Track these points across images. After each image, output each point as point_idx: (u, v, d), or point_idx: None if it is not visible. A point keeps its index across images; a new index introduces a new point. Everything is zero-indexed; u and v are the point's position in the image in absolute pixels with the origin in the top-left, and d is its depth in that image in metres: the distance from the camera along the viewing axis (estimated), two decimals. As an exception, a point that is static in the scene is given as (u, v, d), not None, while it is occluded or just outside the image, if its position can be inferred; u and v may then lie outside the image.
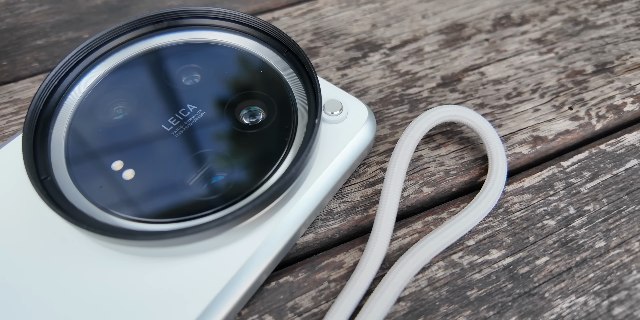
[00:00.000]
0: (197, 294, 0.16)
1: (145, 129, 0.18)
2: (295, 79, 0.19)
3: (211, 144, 0.18)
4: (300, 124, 0.18)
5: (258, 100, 0.19)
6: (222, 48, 0.20)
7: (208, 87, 0.19)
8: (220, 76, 0.20)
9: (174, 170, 0.17)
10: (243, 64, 0.20)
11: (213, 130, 0.18)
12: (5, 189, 0.18)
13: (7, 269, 0.16)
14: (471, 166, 0.21)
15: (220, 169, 0.17)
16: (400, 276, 0.17)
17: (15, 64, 0.25)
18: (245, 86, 0.19)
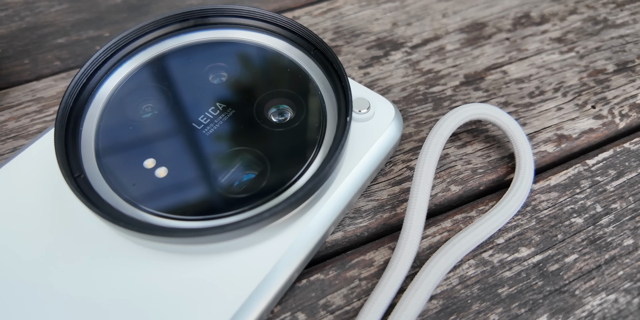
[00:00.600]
0: (232, 292, 0.16)
1: (176, 127, 0.18)
2: (323, 77, 0.19)
3: (242, 142, 0.18)
4: (329, 122, 0.18)
5: (286, 99, 0.19)
6: (249, 46, 0.20)
7: (236, 86, 0.19)
8: (248, 75, 0.20)
9: (206, 168, 0.17)
10: (270, 63, 0.20)
11: (243, 129, 0.18)
12: (35, 185, 0.18)
13: (36, 267, 0.16)
14: (498, 164, 0.21)
15: (252, 167, 0.17)
16: (434, 274, 0.17)
17: (37, 62, 0.25)
18: (272, 84, 0.19)
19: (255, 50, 0.20)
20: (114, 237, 0.17)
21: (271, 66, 0.20)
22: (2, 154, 0.21)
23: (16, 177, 0.18)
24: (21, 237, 0.17)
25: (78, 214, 0.17)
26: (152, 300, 0.16)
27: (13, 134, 0.22)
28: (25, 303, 0.16)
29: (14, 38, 0.26)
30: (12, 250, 0.17)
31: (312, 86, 0.19)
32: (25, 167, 0.19)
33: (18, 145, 0.21)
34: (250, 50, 0.20)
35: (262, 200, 0.16)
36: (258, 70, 0.20)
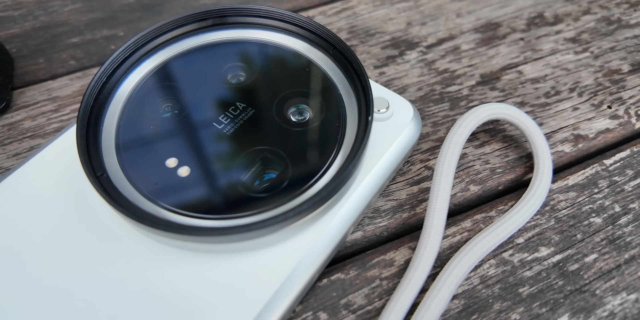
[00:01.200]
0: (256, 291, 0.16)
1: (197, 126, 0.18)
2: (341, 76, 0.19)
3: (263, 142, 0.18)
4: (349, 121, 0.18)
5: (305, 98, 0.19)
6: (267, 46, 0.20)
7: (255, 86, 0.19)
8: (266, 74, 0.20)
9: (227, 167, 0.17)
10: (288, 62, 0.20)
11: (264, 128, 0.18)
12: (55, 183, 0.18)
13: (58, 264, 0.16)
14: (516, 164, 0.21)
15: (273, 166, 0.17)
16: (456, 274, 0.17)
17: (51, 61, 0.25)
18: (291, 84, 0.19)
19: (273, 49, 0.20)
20: (135, 236, 0.17)
21: (289, 66, 0.20)
22: (19, 153, 0.21)
23: (37, 174, 0.18)
24: (42, 234, 0.17)
25: (99, 212, 0.17)
26: (175, 299, 0.16)
27: (30, 133, 0.22)
28: (46, 301, 0.16)
29: (28, 37, 0.26)
30: (33, 247, 0.17)
31: (330, 85, 0.19)
32: (46, 165, 0.19)
33: (35, 144, 0.21)
34: (269, 49, 0.20)
35: (285, 199, 0.16)
36: (276, 69, 0.20)
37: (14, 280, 0.16)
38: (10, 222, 0.17)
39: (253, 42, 0.20)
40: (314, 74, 0.19)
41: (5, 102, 0.22)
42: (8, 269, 0.16)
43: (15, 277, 0.16)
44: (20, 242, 0.17)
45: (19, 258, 0.16)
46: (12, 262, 0.16)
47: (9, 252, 0.16)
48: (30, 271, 0.16)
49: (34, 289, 0.16)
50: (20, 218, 0.17)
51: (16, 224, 0.17)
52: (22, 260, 0.16)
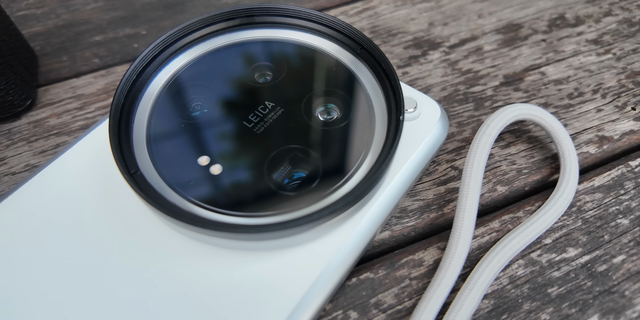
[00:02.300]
0: (290, 288, 0.16)
1: (227, 125, 0.18)
2: (369, 75, 0.19)
3: (293, 141, 0.18)
4: (377, 120, 0.18)
5: (333, 98, 0.19)
6: (294, 46, 0.20)
7: (283, 85, 0.19)
8: (294, 74, 0.20)
9: (259, 166, 0.17)
10: (315, 62, 0.20)
11: (293, 127, 0.18)
12: (86, 180, 0.18)
13: (89, 262, 0.16)
14: (542, 165, 0.21)
15: (304, 165, 0.17)
16: (487, 274, 0.17)
17: (75, 59, 0.25)
18: (319, 83, 0.19)
19: (300, 49, 0.20)
20: (168, 232, 0.17)
21: (317, 65, 0.20)
22: (46, 150, 0.21)
23: (67, 171, 0.18)
24: (74, 230, 0.17)
25: (129, 208, 0.17)
26: (209, 296, 0.16)
27: (55, 130, 0.22)
28: (78, 297, 0.16)
29: (51, 35, 0.26)
30: (65, 243, 0.17)
31: (358, 85, 0.19)
32: (76, 162, 0.19)
33: (60, 142, 0.22)
34: (296, 49, 0.20)
35: (317, 198, 0.17)
36: (304, 69, 0.20)
37: (48, 277, 0.16)
38: (41, 217, 0.17)
39: (280, 42, 0.20)
40: (341, 74, 0.19)
41: (30, 100, 0.22)
42: (42, 266, 0.16)
43: (48, 274, 0.16)
44: (53, 239, 0.17)
45: (52, 254, 0.16)
46: (46, 258, 0.16)
47: (41, 248, 0.16)
48: (63, 267, 0.16)
49: (67, 284, 0.16)
50: (51, 214, 0.17)
51: (48, 219, 0.17)
52: (55, 256, 0.16)
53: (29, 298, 0.16)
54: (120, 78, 0.24)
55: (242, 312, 0.15)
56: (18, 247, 0.16)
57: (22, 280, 0.16)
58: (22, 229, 0.17)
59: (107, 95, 0.23)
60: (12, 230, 0.17)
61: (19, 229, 0.17)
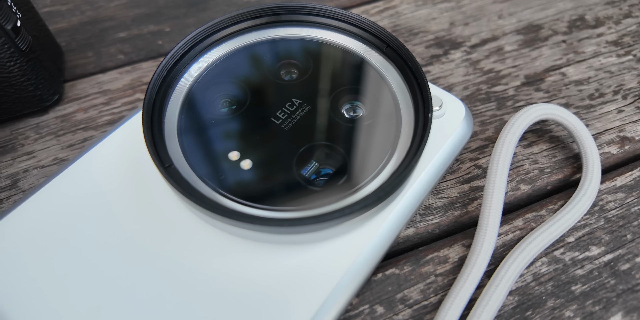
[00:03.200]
0: (320, 280, 0.16)
1: (256, 121, 0.18)
2: (395, 73, 0.20)
3: (321, 137, 0.18)
4: (404, 118, 0.19)
5: (359, 95, 0.19)
6: (320, 44, 0.20)
7: (309, 83, 0.20)
8: (320, 71, 0.20)
9: (287, 161, 0.17)
10: (341, 60, 0.20)
11: (320, 124, 0.18)
12: (117, 173, 0.18)
13: (123, 252, 0.17)
14: (564, 164, 0.21)
15: (331, 162, 0.18)
16: (513, 270, 0.17)
17: (100, 55, 0.25)
18: (345, 81, 0.20)
19: (326, 47, 0.20)
20: (200, 224, 0.17)
21: (342, 63, 0.20)
22: (73, 144, 0.22)
23: (99, 163, 0.19)
24: (106, 222, 0.17)
25: (161, 201, 0.18)
26: (239, 287, 0.16)
27: (82, 125, 0.22)
28: (110, 287, 0.16)
29: (76, 32, 0.26)
30: (98, 234, 0.17)
31: (384, 82, 0.19)
32: (107, 155, 0.19)
33: (88, 136, 0.22)
34: (322, 47, 0.20)
35: (345, 194, 0.17)
36: (330, 67, 0.20)
37: (82, 270, 0.16)
38: (74, 209, 0.17)
39: (306, 40, 0.21)
40: (366, 71, 0.20)
41: (58, 95, 0.23)
42: (75, 257, 0.16)
43: (81, 265, 0.16)
44: (86, 230, 0.17)
45: (85, 245, 0.17)
46: (79, 249, 0.17)
47: (74, 240, 0.17)
48: (96, 258, 0.16)
49: (101, 276, 0.16)
50: (83, 205, 0.18)
51: (80, 211, 0.17)
52: (88, 247, 0.17)
53: (62, 287, 0.16)
54: (145, 74, 0.24)
55: (272, 303, 0.16)
56: (52, 238, 0.17)
57: (57, 270, 0.16)
58: (55, 220, 0.17)
59: (132, 91, 0.23)
60: (46, 221, 0.17)
61: (53, 220, 0.17)
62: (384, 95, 0.19)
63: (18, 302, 0.16)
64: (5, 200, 0.20)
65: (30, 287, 0.16)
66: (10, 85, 0.21)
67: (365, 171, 0.17)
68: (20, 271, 0.16)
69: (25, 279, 0.16)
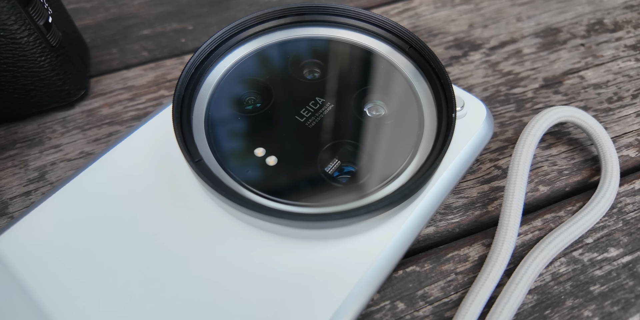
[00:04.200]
0: (343, 275, 0.16)
1: (281, 119, 0.19)
2: (417, 73, 0.20)
3: (343, 135, 0.18)
4: (426, 118, 0.19)
5: (382, 95, 0.20)
6: (343, 44, 0.21)
7: (332, 82, 0.20)
8: (343, 71, 0.20)
9: (312, 158, 0.18)
10: (364, 60, 0.20)
11: (344, 123, 0.19)
12: (145, 167, 0.19)
13: (151, 244, 0.17)
14: (582, 167, 0.21)
15: (354, 159, 0.18)
16: (532, 269, 0.17)
17: (124, 52, 0.26)
18: (367, 81, 0.20)
19: (349, 47, 0.21)
20: (227, 218, 0.17)
21: (365, 63, 0.20)
22: (99, 138, 0.22)
23: (127, 157, 0.19)
24: (136, 215, 0.18)
25: (189, 194, 0.18)
26: (265, 280, 0.16)
27: (107, 120, 0.23)
28: (138, 278, 0.16)
29: (101, 28, 0.27)
30: (126, 227, 0.17)
31: (406, 83, 0.20)
32: (135, 149, 0.19)
33: (113, 131, 0.22)
34: (345, 47, 0.21)
35: (368, 191, 0.17)
36: (352, 66, 0.20)
37: (111, 260, 0.17)
38: (103, 201, 0.18)
39: (330, 40, 0.21)
40: (389, 71, 0.20)
41: (84, 90, 0.23)
42: (105, 249, 0.17)
43: (112, 257, 0.17)
44: (114, 222, 0.17)
45: (114, 237, 0.17)
46: (108, 242, 0.17)
47: (103, 232, 0.17)
48: (125, 250, 0.17)
49: (130, 267, 0.17)
50: (112, 198, 0.18)
51: (109, 203, 0.18)
52: (117, 240, 0.17)
53: (93, 277, 0.16)
54: (169, 71, 0.25)
55: (297, 296, 0.16)
56: (82, 229, 0.17)
57: (88, 261, 0.17)
58: (85, 211, 0.18)
59: (157, 88, 0.24)
60: (76, 213, 0.18)
61: (83, 211, 0.18)
62: (406, 94, 0.19)
63: (50, 292, 0.16)
64: (33, 191, 0.20)
65: (62, 277, 0.16)
66: (40, 79, 0.21)
67: (388, 170, 0.18)
68: (52, 261, 0.17)
69: (57, 269, 0.16)
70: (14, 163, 0.21)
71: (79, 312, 0.16)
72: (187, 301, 0.16)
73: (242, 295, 0.16)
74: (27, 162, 0.21)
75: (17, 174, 0.21)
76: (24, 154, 0.21)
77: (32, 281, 0.16)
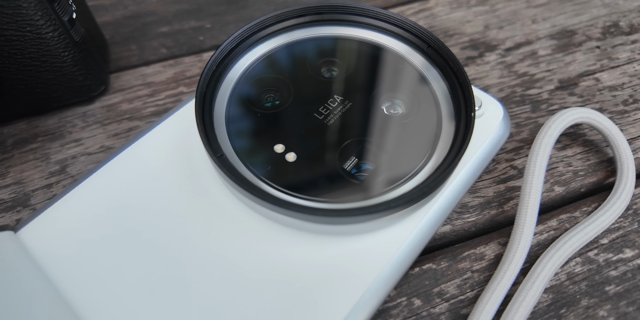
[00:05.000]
0: (362, 271, 0.17)
1: (300, 116, 0.19)
2: (434, 73, 0.20)
3: (362, 133, 0.19)
4: (444, 117, 0.19)
5: (400, 93, 0.20)
6: (361, 43, 0.21)
7: (350, 80, 0.20)
8: (361, 70, 0.20)
9: (330, 155, 0.18)
10: (381, 58, 0.21)
11: (362, 120, 0.19)
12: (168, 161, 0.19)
13: (172, 237, 0.17)
14: (597, 168, 0.21)
15: (373, 157, 0.18)
16: (549, 268, 0.18)
17: (143, 49, 0.26)
18: (385, 79, 0.20)
19: (368, 46, 0.21)
20: (247, 212, 0.18)
21: (383, 62, 0.21)
22: (119, 133, 0.22)
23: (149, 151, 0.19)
24: (158, 208, 0.18)
25: (210, 188, 0.18)
26: (285, 275, 0.16)
27: (127, 115, 0.23)
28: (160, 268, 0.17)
29: (120, 25, 0.27)
30: (149, 220, 0.18)
31: (424, 81, 0.20)
32: (156, 143, 0.20)
33: (133, 126, 0.23)
34: (363, 46, 0.21)
35: (387, 189, 0.17)
36: (371, 65, 0.20)
37: (133, 252, 0.17)
38: (125, 195, 0.18)
39: (348, 39, 0.21)
40: (407, 70, 0.20)
41: (104, 86, 0.23)
42: (126, 242, 0.17)
43: (134, 249, 0.17)
44: (136, 215, 0.18)
45: (135, 230, 0.17)
46: (129, 235, 0.17)
47: (124, 225, 0.17)
48: (147, 243, 0.17)
49: (151, 259, 0.17)
50: (134, 191, 0.18)
51: (131, 196, 0.18)
52: (138, 232, 0.17)
53: (116, 269, 0.17)
54: (187, 69, 0.25)
55: (316, 290, 0.16)
56: (104, 221, 0.18)
57: (110, 253, 0.17)
58: (106, 205, 0.18)
59: (176, 84, 0.24)
60: (99, 205, 0.18)
61: (105, 204, 0.18)
62: (423, 93, 0.20)
63: (73, 282, 0.16)
64: (55, 184, 0.21)
65: (84, 268, 0.17)
66: (63, 74, 0.21)
67: (405, 168, 0.18)
68: (75, 253, 0.17)
69: (80, 260, 0.17)
70: (35, 156, 0.22)
71: (101, 302, 0.16)
72: (206, 293, 0.16)
73: (262, 288, 0.16)
74: (49, 156, 0.22)
75: (39, 167, 0.21)
76: (46, 147, 0.22)
77: (56, 271, 0.16)
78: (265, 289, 0.16)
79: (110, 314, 0.16)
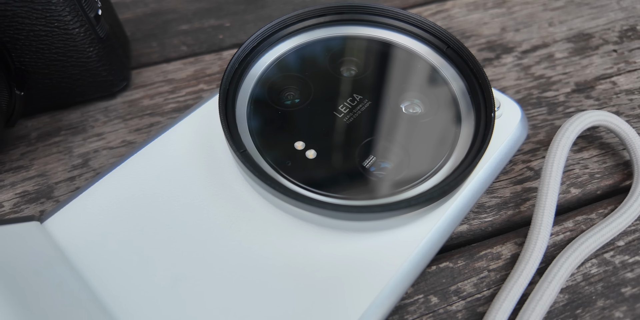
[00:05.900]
0: (381, 267, 0.17)
1: (320, 114, 0.19)
2: (453, 73, 0.20)
3: (381, 131, 0.19)
4: (464, 117, 0.19)
5: (419, 93, 0.20)
6: (382, 43, 0.21)
7: (369, 79, 0.20)
8: (380, 69, 0.21)
9: (350, 153, 0.18)
10: (401, 58, 0.21)
11: (381, 119, 0.19)
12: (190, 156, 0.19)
13: (195, 231, 0.18)
14: (614, 171, 0.22)
15: (391, 156, 0.18)
16: (565, 268, 0.18)
17: (164, 46, 0.26)
18: (405, 79, 0.20)
19: (387, 46, 0.21)
20: (268, 207, 0.18)
21: (403, 61, 0.21)
22: (140, 128, 0.23)
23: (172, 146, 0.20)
24: (181, 201, 0.18)
25: (232, 183, 0.19)
26: (304, 270, 0.17)
27: (149, 111, 0.23)
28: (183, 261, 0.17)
29: (141, 23, 0.27)
30: (172, 213, 0.18)
31: (443, 82, 0.20)
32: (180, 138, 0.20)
33: (154, 122, 0.23)
34: (383, 46, 0.21)
35: (407, 187, 0.17)
36: (390, 65, 0.21)
37: (157, 245, 0.17)
38: (147, 189, 0.18)
39: (368, 39, 0.21)
40: (426, 70, 0.20)
41: (126, 82, 0.24)
42: (151, 233, 0.17)
43: (157, 242, 0.17)
44: (159, 206, 0.18)
45: (158, 224, 0.18)
46: (152, 229, 0.18)
47: (149, 216, 0.18)
48: (170, 236, 0.17)
49: (174, 252, 0.17)
50: (156, 186, 0.19)
51: (154, 190, 0.18)
52: (161, 226, 0.18)
53: (140, 261, 0.17)
54: (207, 66, 0.25)
55: (336, 285, 0.17)
56: (128, 214, 0.18)
57: (134, 245, 0.17)
58: (130, 197, 0.18)
59: (196, 82, 0.24)
60: (122, 199, 0.18)
61: (128, 197, 0.18)
62: (443, 93, 0.20)
63: (98, 271, 0.17)
64: (77, 177, 0.21)
65: (109, 258, 0.17)
66: (87, 69, 0.22)
67: (424, 167, 0.18)
68: (100, 244, 0.17)
69: (105, 251, 0.17)
70: (58, 149, 0.22)
71: (126, 291, 0.16)
72: (227, 285, 0.17)
73: (282, 283, 0.17)
74: (72, 149, 0.22)
75: (62, 160, 0.22)
76: (69, 141, 0.22)
77: (81, 261, 0.17)
78: (285, 283, 0.17)
79: (134, 302, 0.16)
